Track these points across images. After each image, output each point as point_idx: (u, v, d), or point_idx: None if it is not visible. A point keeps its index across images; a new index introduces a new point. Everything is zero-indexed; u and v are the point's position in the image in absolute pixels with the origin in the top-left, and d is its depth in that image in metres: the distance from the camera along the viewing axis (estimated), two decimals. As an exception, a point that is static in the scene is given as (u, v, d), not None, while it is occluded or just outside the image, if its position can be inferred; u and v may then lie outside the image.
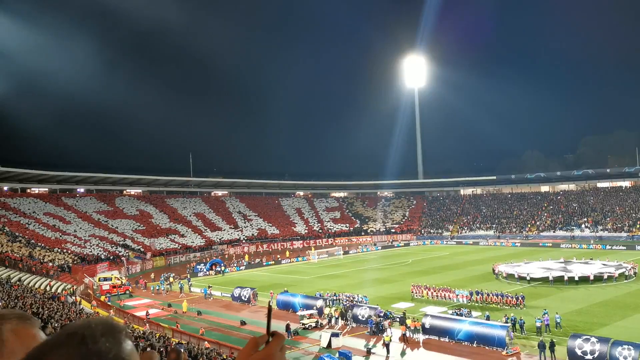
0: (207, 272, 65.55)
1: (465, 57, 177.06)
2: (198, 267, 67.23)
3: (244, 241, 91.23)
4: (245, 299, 46.45)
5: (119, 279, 55.45)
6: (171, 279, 56.82)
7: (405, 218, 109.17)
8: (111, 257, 68.73)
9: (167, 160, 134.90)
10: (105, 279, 54.78)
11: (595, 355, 26.26)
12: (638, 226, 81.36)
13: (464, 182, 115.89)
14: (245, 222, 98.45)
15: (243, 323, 38.87)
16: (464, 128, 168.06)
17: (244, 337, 34.44)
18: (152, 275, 61.58)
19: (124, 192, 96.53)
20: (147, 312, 42.08)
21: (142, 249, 76.53)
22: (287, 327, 35.04)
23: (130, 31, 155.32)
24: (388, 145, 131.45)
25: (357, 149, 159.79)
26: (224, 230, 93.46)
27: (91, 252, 68.47)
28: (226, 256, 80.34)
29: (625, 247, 70.93)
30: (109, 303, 47.23)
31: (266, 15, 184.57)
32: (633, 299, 39.83)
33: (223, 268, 67.52)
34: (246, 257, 78.48)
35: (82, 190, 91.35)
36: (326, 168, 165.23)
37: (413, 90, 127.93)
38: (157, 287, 55.01)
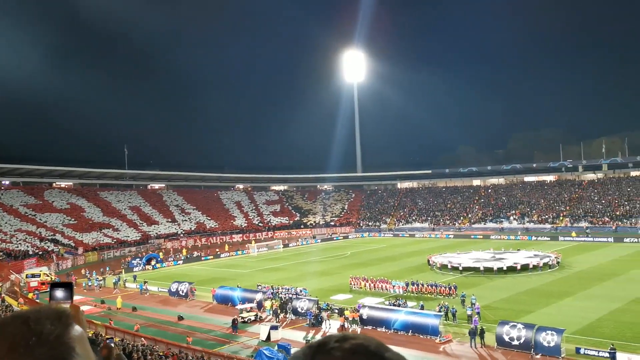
0: (144, 267, 64.00)
1: (403, 53, 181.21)
2: (133, 261, 65.47)
3: (182, 235, 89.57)
4: (183, 294, 45.77)
5: (48, 275, 53.23)
6: (94, 276, 55.18)
7: (345, 211, 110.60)
8: (40, 253, 65.75)
9: (101, 152, 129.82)
10: (33, 276, 52.56)
11: (522, 340, 27.78)
12: (561, 218, 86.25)
13: (401, 176, 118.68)
14: (183, 216, 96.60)
15: (180, 318, 38.27)
16: (402, 123, 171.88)
17: (182, 333, 33.98)
18: (83, 271, 59.51)
19: (54, 184, 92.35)
20: (82, 310, 40.65)
21: (73, 244, 73.62)
22: (234, 322, 34.75)
23: (62, 18, 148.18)
24: (328, 139, 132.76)
25: (297, 143, 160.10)
26: (161, 224, 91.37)
27: (18, 247, 65.17)
28: (163, 250, 78.66)
29: (549, 238, 75.02)
30: (37, 300, 45.23)
31: (206, 6, 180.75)
32: (556, 287, 42.30)
33: (159, 264, 66.11)
34: (184, 251, 77.12)
35: (7, 182, 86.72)
36: (266, 161, 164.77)
37: (352, 85, 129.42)
38: (88, 283, 53.26)
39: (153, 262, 65.90)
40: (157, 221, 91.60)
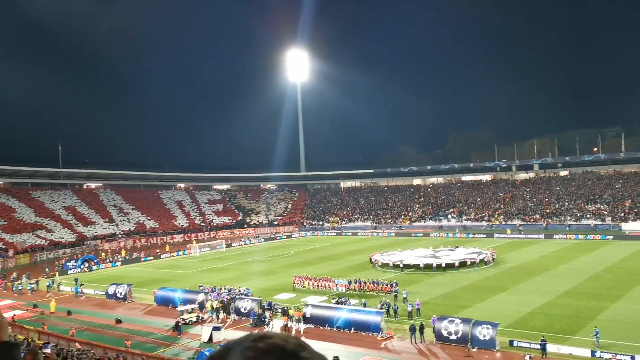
0: (82, 269, 61.65)
1: (343, 54, 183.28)
2: (68, 263, 62.94)
3: (120, 236, 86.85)
4: (121, 296, 44.44)
5: (-26, 280, 50.41)
6: (25, 280, 52.87)
7: (288, 210, 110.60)
8: (-35, 256, 62.08)
9: (33, 149, 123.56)
10: (-42, 280, 49.62)
11: (459, 335, 28.76)
12: (496, 216, 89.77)
13: (344, 175, 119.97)
14: (121, 216, 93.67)
15: (119, 321, 37.13)
16: (345, 123, 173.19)
17: (120, 336, 33.00)
18: (15, 274, 56.67)
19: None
20: (14, 314, 39.01)
21: (3, 246, 69.93)
22: (177, 325, 34.03)
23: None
24: (272, 138, 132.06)
25: (240, 142, 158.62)
26: (98, 224, 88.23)
27: (-60, 250, 61.30)
28: (102, 252, 76.02)
29: (485, 235, 77.93)
30: (-37, 307, 42.73)
31: (145, 2, 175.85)
32: (491, 283, 44.03)
33: (96, 266, 63.86)
34: (123, 252, 74.82)
35: None
36: (209, 160, 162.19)
37: (296, 85, 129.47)
38: (19, 287, 50.81)
39: (86, 264, 63.53)
40: (93, 221, 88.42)
